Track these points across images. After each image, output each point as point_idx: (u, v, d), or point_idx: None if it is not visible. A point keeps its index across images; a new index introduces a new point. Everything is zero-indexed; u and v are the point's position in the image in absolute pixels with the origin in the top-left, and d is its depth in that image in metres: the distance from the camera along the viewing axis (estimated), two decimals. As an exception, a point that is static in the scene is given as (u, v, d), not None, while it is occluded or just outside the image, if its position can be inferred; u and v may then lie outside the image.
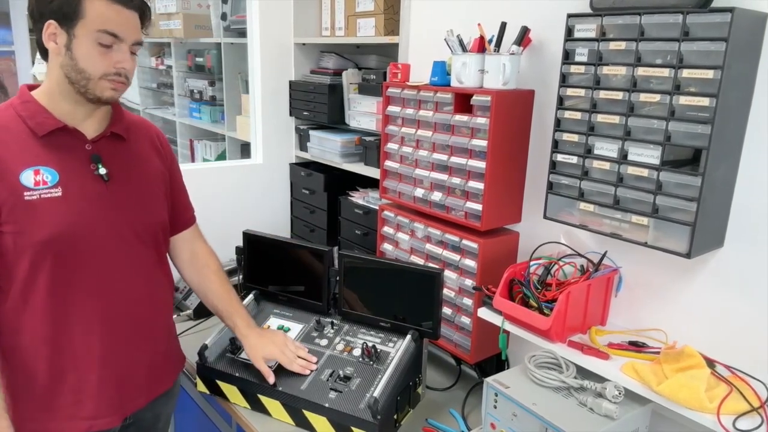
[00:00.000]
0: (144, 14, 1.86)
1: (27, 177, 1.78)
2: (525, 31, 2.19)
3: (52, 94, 1.85)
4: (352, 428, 2.10)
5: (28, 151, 1.81)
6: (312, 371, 2.29)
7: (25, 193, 1.78)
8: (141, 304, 2.03)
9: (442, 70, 2.39)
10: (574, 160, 1.99)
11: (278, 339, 2.34)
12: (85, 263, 1.87)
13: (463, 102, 2.30)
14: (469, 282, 2.38)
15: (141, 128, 2.12)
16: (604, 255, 2.08)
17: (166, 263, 2.20)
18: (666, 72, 1.72)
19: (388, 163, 2.67)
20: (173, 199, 2.20)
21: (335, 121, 3.45)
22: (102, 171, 1.90)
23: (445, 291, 2.43)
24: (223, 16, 4.75)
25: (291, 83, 3.70)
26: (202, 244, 2.38)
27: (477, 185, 2.27)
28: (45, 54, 1.84)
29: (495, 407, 1.99)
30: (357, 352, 2.34)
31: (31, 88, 1.91)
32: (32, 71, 5.10)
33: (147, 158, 2.09)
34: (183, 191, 2.30)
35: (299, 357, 2.31)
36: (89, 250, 1.87)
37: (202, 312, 3.04)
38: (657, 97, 1.75)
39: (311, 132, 3.60)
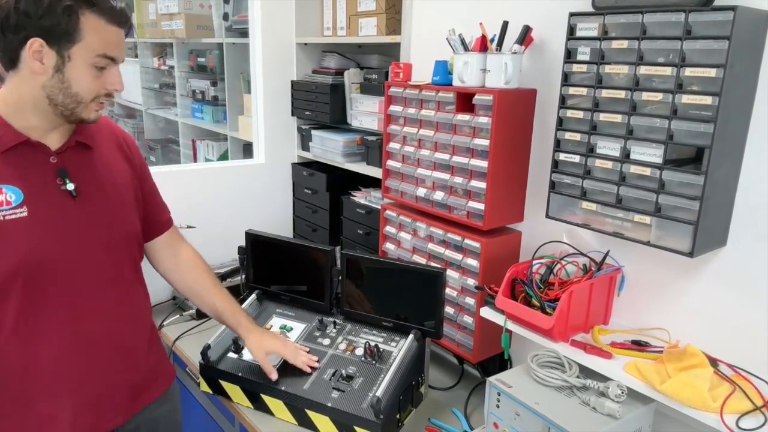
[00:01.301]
0: (127, 30, 1.77)
1: None
2: (527, 30, 2.19)
3: (21, 109, 1.73)
4: (355, 428, 2.10)
5: None
6: (315, 369, 2.28)
7: None
8: (118, 321, 1.93)
9: (443, 70, 2.38)
10: (576, 159, 1.98)
11: (280, 337, 2.33)
12: (54, 286, 1.77)
13: (465, 101, 2.29)
14: (471, 281, 2.37)
15: (105, 132, 1.99)
16: (606, 254, 2.07)
17: (141, 276, 2.09)
18: (668, 71, 1.72)
19: (390, 163, 2.67)
20: (146, 203, 2.10)
21: (337, 121, 3.45)
22: (70, 186, 1.78)
23: (448, 290, 2.42)
24: (225, 17, 4.75)
25: (293, 83, 3.70)
26: (185, 245, 2.30)
27: (479, 184, 2.26)
28: (12, 64, 1.68)
29: (498, 406, 1.98)
30: (359, 351, 2.34)
31: None
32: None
33: (115, 165, 1.98)
34: (155, 193, 2.19)
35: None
36: (58, 271, 1.77)
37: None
38: (659, 96, 1.75)
39: (313, 132, 3.59)
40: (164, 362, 2.19)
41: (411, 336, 2.29)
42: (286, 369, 2.30)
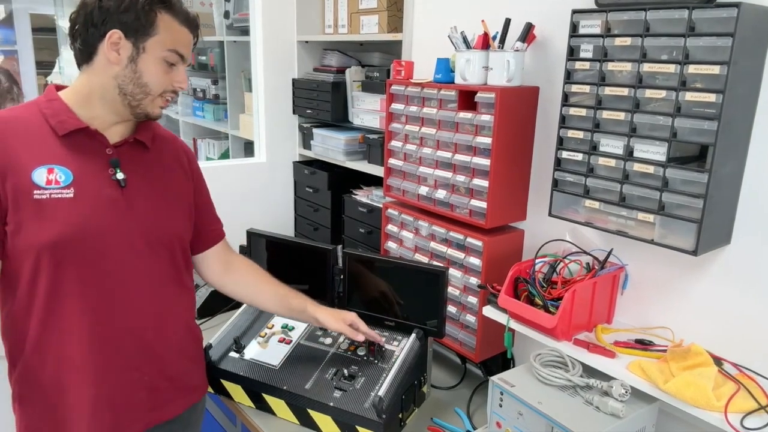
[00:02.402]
0: (196, 38, 1.91)
1: (39, 175, 1.73)
2: (529, 27, 2.19)
3: (89, 99, 1.83)
4: (357, 427, 2.10)
5: (45, 149, 1.76)
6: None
7: (35, 192, 1.72)
8: (147, 320, 1.93)
9: (445, 67, 2.38)
10: (579, 157, 1.98)
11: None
12: (86, 270, 1.80)
13: (467, 99, 2.29)
14: (474, 280, 2.37)
15: (168, 142, 2.07)
16: (609, 252, 2.07)
17: (186, 281, 2.10)
18: (672, 68, 1.72)
19: (392, 161, 2.67)
20: (199, 215, 2.14)
21: (339, 119, 3.45)
22: (119, 176, 1.84)
23: (450, 289, 2.42)
24: (226, 14, 4.74)
25: (294, 81, 3.70)
26: (237, 255, 2.34)
27: (481, 183, 2.26)
28: (87, 58, 1.81)
29: (500, 406, 1.98)
30: (362, 350, 2.34)
31: (59, 88, 1.87)
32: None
33: (171, 171, 2.03)
34: (210, 206, 2.24)
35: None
36: (93, 256, 1.80)
37: (207, 311, 3.03)
38: (663, 93, 1.74)
39: (315, 130, 3.60)
40: (195, 376, 2.18)
41: (413, 335, 2.29)
42: (289, 368, 2.31)
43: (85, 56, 1.81)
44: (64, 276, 1.78)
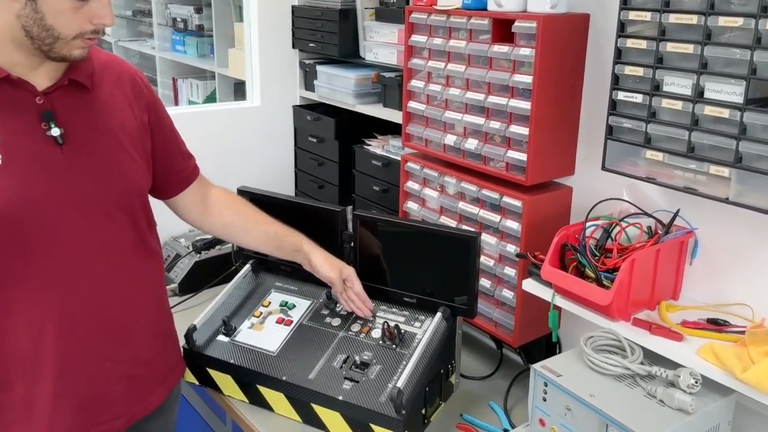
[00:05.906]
0: None
1: None
2: (578, -61, 2.17)
3: (1, 42, 1.72)
4: (372, 425, 2.12)
5: None
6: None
7: None
8: (111, 297, 1.94)
9: (477, -9, 2.37)
10: (638, 98, 1.97)
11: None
12: (33, 248, 1.79)
13: (503, 29, 2.27)
14: (511, 248, 2.38)
15: (112, 71, 1.99)
16: (676, 214, 2.07)
17: (151, 243, 2.10)
18: (751, -11, 1.70)
19: (413, 105, 2.66)
20: (165, 154, 2.13)
21: (348, 54, 3.44)
22: (55, 132, 1.79)
23: (483, 259, 2.43)
24: (211, -73, 4.74)
25: (294, 8, 3.68)
26: (213, 187, 2.35)
27: (520, 130, 2.26)
28: None
29: (544, 399, 1.99)
30: (376, 333, 2.34)
31: None
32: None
33: (119, 111, 1.96)
34: (177, 140, 2.22)
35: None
36: (38, 231, 1.79)
37: (190, 287, 3.05)
38: (739, 21, 1.72)
39: (319, 67, 3.59)
40: (172, 356, 2.22)
41: (439, 314, 2.29)
42: (290, 352, 2.33)
43: None
44: (5, 257, 1.77)
